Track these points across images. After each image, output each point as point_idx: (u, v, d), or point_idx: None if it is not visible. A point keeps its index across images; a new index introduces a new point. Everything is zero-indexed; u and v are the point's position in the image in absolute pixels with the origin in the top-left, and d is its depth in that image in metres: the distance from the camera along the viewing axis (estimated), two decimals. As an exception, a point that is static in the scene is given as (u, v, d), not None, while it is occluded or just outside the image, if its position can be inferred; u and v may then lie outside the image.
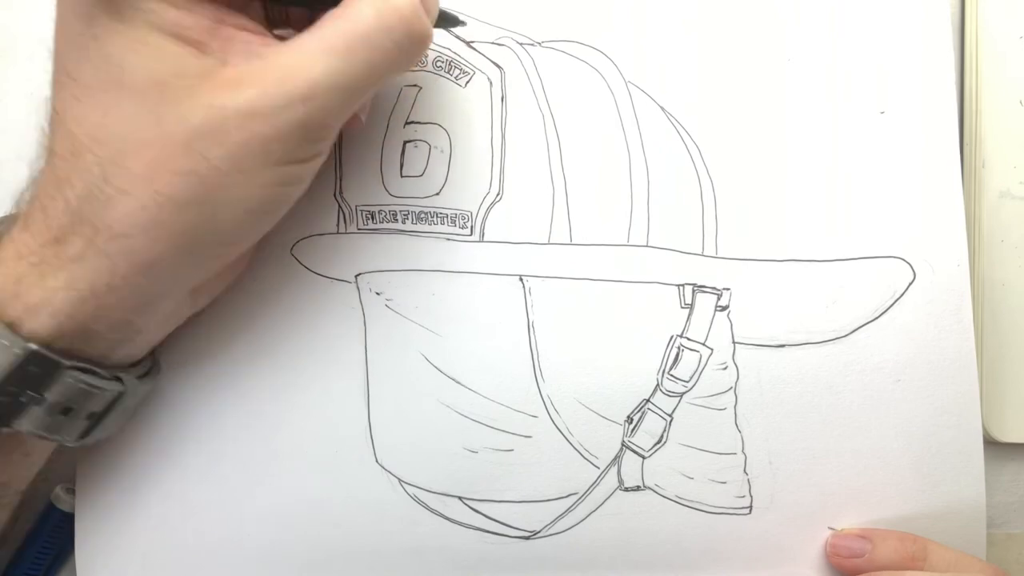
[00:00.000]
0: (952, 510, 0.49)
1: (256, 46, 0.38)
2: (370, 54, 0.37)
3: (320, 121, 0.38)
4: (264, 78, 0.37)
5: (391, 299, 0.48)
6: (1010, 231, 0.53)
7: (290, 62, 0.37)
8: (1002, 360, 0.53)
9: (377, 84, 0.39)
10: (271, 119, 0.37)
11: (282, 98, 0.36)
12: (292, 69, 0.37)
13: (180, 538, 0.48)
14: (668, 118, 0.50)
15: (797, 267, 0.49)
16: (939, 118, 0.50)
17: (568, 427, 0.48)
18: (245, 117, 0.36)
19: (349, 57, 0.37)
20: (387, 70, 0.39)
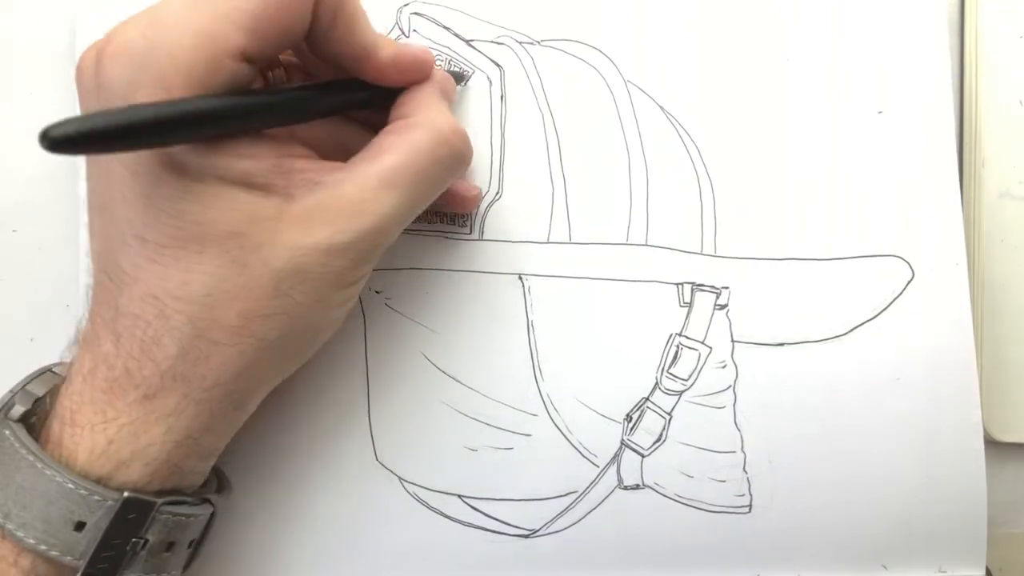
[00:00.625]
0: (953, 508, 0.49)
1: (312, 174, 0.39)
2: (426, 182, 0.41)
3: (384, 246, 0.40)
4: (335, 214, 0.38)
5: (391, 298, 0.48)
6: (1010, 231, 0.53)
7: (356, 196, 0.38)
8: (1002, 360, 0.53)
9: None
10: (347, 253, 0.38)
11: (356, 234, 0.38)
12: (361, 205, 0.38)
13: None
14: (667, 117, 0.50)
15: (796, 266, 0.49)
16: (937, 117, 0.51)
17: (567, 425, 0.48)
18: (324, 254, 0.38)
19: (410, 189, 0.40)
20: (439, 191, 0.43)
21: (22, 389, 0.41)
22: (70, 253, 0.50)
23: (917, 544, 0.49)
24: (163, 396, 0.37)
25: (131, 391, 0.37)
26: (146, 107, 0.33)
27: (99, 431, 0.37)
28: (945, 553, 0.49)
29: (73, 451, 0.37)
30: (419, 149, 0.39)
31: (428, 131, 0.40)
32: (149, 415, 0.37)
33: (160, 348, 0.37)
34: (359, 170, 0.39)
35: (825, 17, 0.51)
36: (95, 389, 0.37)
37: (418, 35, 0.50)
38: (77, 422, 0.37)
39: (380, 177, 0.39)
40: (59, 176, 0.51)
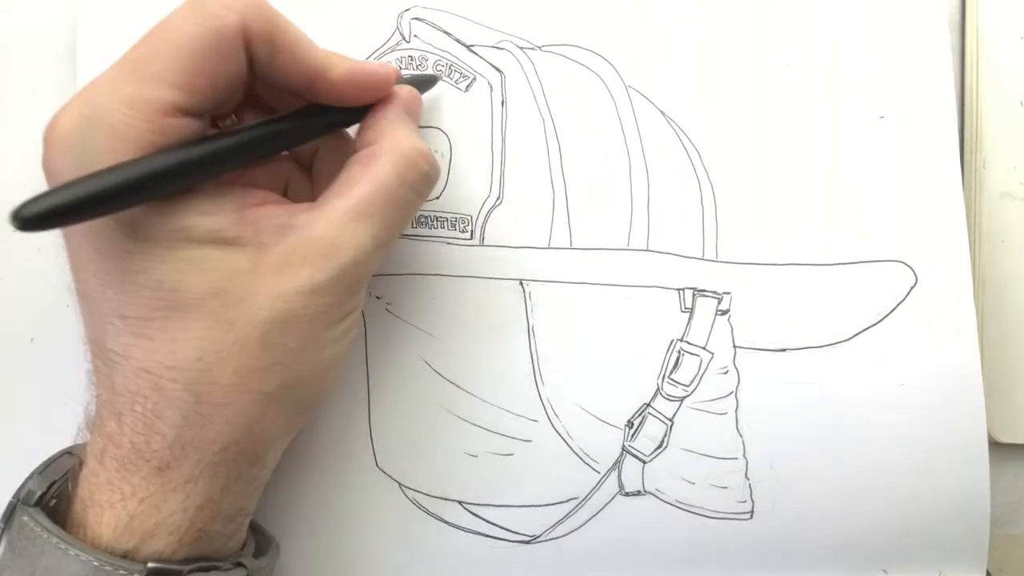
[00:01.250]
0: (956, 514, 0.49)
1: (282, 218, 0.39)
2: (398, 208, 0.40)
3: (367, 277, 0.41)
4: (310, 255, 0.38)
5: (391, 303, 0.48)
6: (1011, 232, 0.53)
7: (329, 233, 0.38)
8: (1003, 361, 0.53)
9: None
10: (330, 291, 0.38)
11: (335, 270, 0.38)
12: (335, 241, 0.38)
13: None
14: (668, 122, 0.50)
15: (798, 271, 0.49)
16: (939, 122, 0.50)
17: (568, 431, 0.48)
18: (307, 296, 0.38)
19: (383, 218, 0.39)
20: (412, 215, 0.43)
21: (37, 475, 0.41)
22: (70, 254, 0.50)
23: (918, 549, 0.49)
24: (176, 466, 0.37)
25: (143, 466, 0.37)
26: (110, 171, 0.33)
27: (119, 508, 0.37)
28: (946, 557, 0.49)
29: (97, 530, 0.37)
30: (386, 177, 0.39)
31: (393, 158, 0.40)
32: (166, 486, 0.37)
33: (163, 420, 0.36)
34: (328, 207, 0.39)
35: (826, 22, 0.51)
36: (108, 469, 0.37)
37: (419, 40, 0.50)
38: (97, 502, 0.37)
39: (350, 211, 0.38)
40: (59, 177, 0.51)
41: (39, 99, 0.51)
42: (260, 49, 0.38)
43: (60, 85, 0.51)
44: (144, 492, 0.37)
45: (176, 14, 0.36)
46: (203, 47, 0.36)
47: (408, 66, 0.49)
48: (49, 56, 0.51)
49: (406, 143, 0.40)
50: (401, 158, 0.40)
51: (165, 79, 0.35)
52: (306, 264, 0.37)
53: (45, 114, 0.49)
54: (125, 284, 0.36)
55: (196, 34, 0.36)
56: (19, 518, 0.38)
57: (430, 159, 0.41)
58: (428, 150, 0.41)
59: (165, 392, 0.36)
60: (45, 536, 0.36)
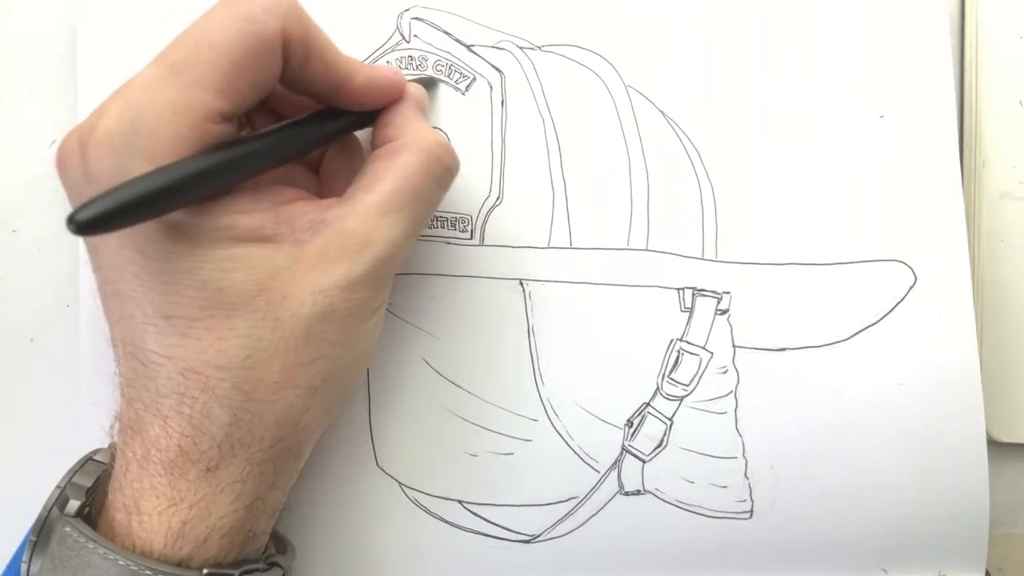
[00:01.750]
0: (955, 514, 0.49)
1: (313, 215, 0.39)
2: (424, 200, 0.41)
3: (397, 267, 0.41)
4: (346, 249, 0.38)
5: (391, 303, 0.48)
6: (1010, 231, 0.53)
7: (361, 227, 0.39)
8: (1002, 360, 0.53)
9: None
10: (365, 284, 0.39)
11: (370, 263, 0.38)
12: (368, 235, 0.39)
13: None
14: (668, 122, 0.50)
15: (797, 271, 0.49)
16: (938, 122, 0.50)
17: (568, 431, 0.48)
18: (346, 289, 0.38)
19: (411, 210, 0.40)
20: (436, 206, 0.43)
21: (69, 482, 0.40)
22: (70, 253, 0.50)
23: (918, 548, 0.49)
24: (225, 466, 0.37)
25: (191, 469, 0.37)
26: (160, 173, 0.33)
27: (169, 514, 0.37)
28: (945, 557, 0.49)
29: (147, 539, 0.36)
30: (412, 171, 0.40)
31: (417, 151, 0.40)
32: (215, 488, 0.37)
33: (211, 420, 0.36)
34: (358, 201, 0.39)
35: (826, 21, 0.51)
36: (153, 474, 0.37)
37: (419, 40, 0.50)
38: (143, 509, 0.37)
39: (380, 204, 0.39)
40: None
41: (39, 99, 0.51)
42: (295, 55, 0.38)
43: (60, 85, 0.51)
44: (194, 497, 0.37)
45: (215, 17, 0.36)
46: (245, 53, 0.36)
47: (408, 66, 0.49)
48: (49, 56, 0.51)
49: (428, 138, 0.41)
50: (425, 152, 0.40)
51: (209, 85, 0.35)
52: (342, 259, 0.38)
53: (45, 114, 0.49)
54: (169, 284, 0.36)
55: (238, 40, 0.36)
56: (60, 529, 0.38)
57: (452, 152, 0.42)
58: (449, 144, 0.42)
59: (215, 392, 0.36)
60: (91, 547, 0.36)
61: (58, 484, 0.40)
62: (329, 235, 0.38)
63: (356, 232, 0.38)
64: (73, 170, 0.36)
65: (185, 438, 0.37)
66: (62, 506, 0.39)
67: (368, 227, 0.38)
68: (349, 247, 0.38)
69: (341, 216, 0.39)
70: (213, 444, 0.37)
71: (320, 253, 0.38)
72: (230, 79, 0.36)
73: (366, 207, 0.39)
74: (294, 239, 0.38)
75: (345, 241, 0.38)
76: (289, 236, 0.38)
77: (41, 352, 0.50)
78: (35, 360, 0.50)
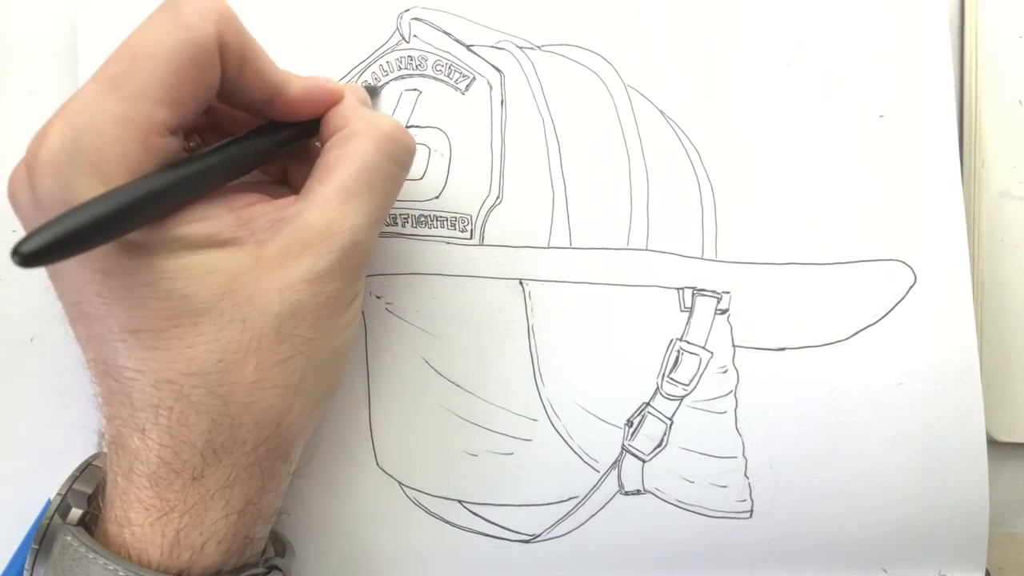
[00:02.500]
0: (955, 513, 0.49)
1: (272, 213, 0.39)
2: (384, 182, 0.40)
3: (367, 258, 0.40)
4: (308, 243, 0.38)
5: (391, 303, 0.48)
6: (1010, 231, 0.53)
7: (322, 219, 0.38)
8: (1002, 360, 0.53)
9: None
10: (333, 275, 0.38)
11: (335, 254, 0.38)
12: (330, 226, 0.38)
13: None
14: (667, 121, 0.50)
15: (797, 270, 0.49)
16: (938, 121, 0.50)
17: (568, 431, 0.48)
18: (313, 283, 0.38)
19: (371, 194, 0.39)
20: (398, 188, 0.42)
21: (70, 489, 0.40)
22: (70, 254, 0.50)
23: (918, 548, 0.49)
24: (211, 473, 0.37)
25: (176, 479, 0.36)
26: (107, 197, 0.33)
27: (161, 524, 0.36)
28: (945, 557, 0.49)
29: (143, 549, 0.36)
30: (367, 153, 0.39)
31: (369, 133, 0.40)
32: (204, 495, 0.37)
33: (190, 428, 0.36)
34: (316, 194, 0.39)
35: (825, 21, 0.51)
36: (139, 487, 0.37)
37: (419, 40, 0.50)
38: (134, 521, 0.37)
39: (338, 193, 0.38)
40: (58, 176, 0.51)
41: (39, 99, 0.51)
42: (231, 63, 0.38)
43: (60, 85, 0.51)
44: (183, 505, 0.36)
45: (150, 26, 0.36)
46: (183, 62, 0.36)
47: (408, 66, 0.49)
48: (49, 56, 0.51)
49: (379, 120, 0.41)
50: (377, 132, 0.40)
51: (150, 96, 0.35)
52: (307, 252, 0.38)
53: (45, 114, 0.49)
54: (132, 299, 0.35)
55: (175, 47, 0.35)
56: (62, 537, 0.38)
57: (405, 131, 0.42)
58: (399, 122, 0.42)
59: (190, 399, 0.36)
60: (92, 557, 0.36)
61: (59, 491, 0.40)
62: (290, 231, 0.38)
63: (317, 224, 0.38)
64: (23, 197, 0.35)
65: (165, 448, 0.36)
66: (64, 513, 0.39)
67: (328, 217, 0.38)
68: (311, 240, 0.38)
69: (300, 211, 0.38)
70: (195, 452, 0.36)
71: (283, 250, 0.38)
72: (171, 89, 0.35)
73: (324, 198, 0.38)
74: (255, 240, 0.38)
75: (306, 235, 0.38)
76: (249, 238, 0.38)
77: (40, 352, 0.50)
78: (34, 360, 0.50)
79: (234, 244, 0.37)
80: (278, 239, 0.38)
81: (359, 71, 0.50)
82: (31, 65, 0.52)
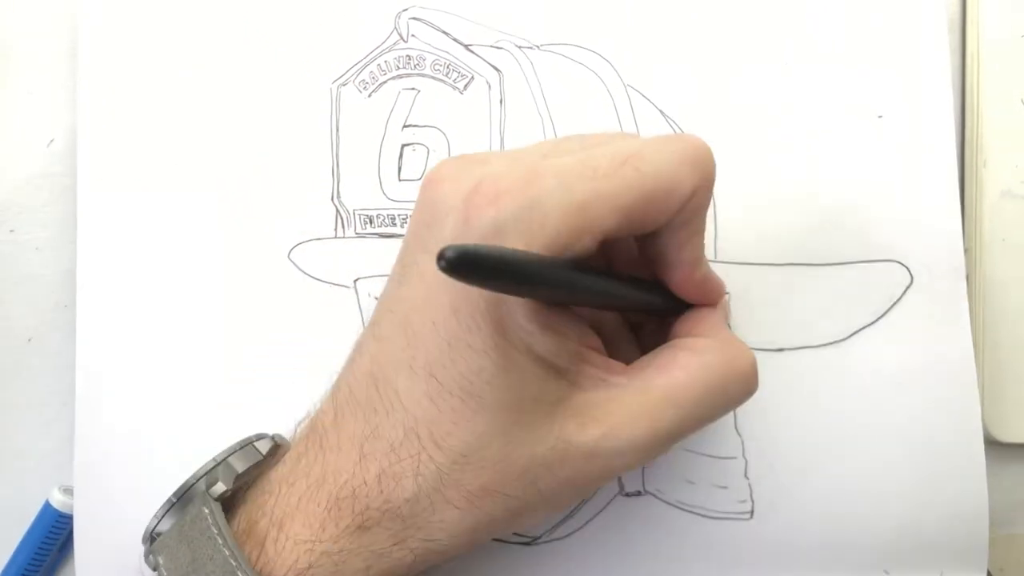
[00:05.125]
0: (954, 514, 0.48)
1: (602, 370, 0.38)
2: (708, 412, 0.38)
3: (639, 465, 0.39)
4: (611, 418, 0.36)
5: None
6: (1011, 231, 0.53)
7: (637, 405, 0.37)
8: (1003, 359, 0.52)
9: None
10: (607, 461, 0.37)
11: (625, 443, 0.36)
12: (640, 416, 0.36)
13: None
14: (667, 121, 0.50)
15: (795, 271, 0.49)
16: (937, 122, 0.50)
17: (568, 431, 0.48)
18: (585, 456, 0.36)
19: (691, 413, 0.37)
20: (713, 421, 0.39)
21: (224, 461, 0.40)
22: (69, 253, 0.50)
23: (919, 549, 0.49)
24: (377, 531, 0.36)
25: (348, 517, 0.36)
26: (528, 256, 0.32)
27: (304, 549, 0.36)
28: (946, 558, 0.49)
29: (273, 561, 0.36)
30: (712, 374, 0.38)
31: (724, 359, 0.38)
32: (356, 548, 0.36)
33: (397, 487, 0.36)
34: (646, 378, 0.37)
35: (824, 21, 0.51)
36: (315, 502, 0.36)
37: (417, 40, 0.50)
38: (284, 529, 0.36)
39: (666, 391, 0.37)
40: (58, 176, 0.51)
41: (39, 99, 0.51)
42: (680, 218, 0.37)
43: (60, 85, 0.51)
44: (335, 546, 0.36)
45: (654, 148, 0.36)
46: (658, 194, 0.35)
47: (406, 66, 0.50)
48: (49, 56, 0.51)
49: (736, 349, 0.39)
50: (731, 362, 0.38)
51: (614, 204, 0.34)
52: (602, 425, 0.36)
53: (45, 114, 0.49)
54: (453, 351, 0.35)
55: (662, 181, 0.35)
56: (199, 506, 0.38)
57: (756, 373, 0.39)
58: (755, 362, 0.39)
59: (419, 465, 0.36)
60: (220, 542, 0.36)
61: (215, 456, 0.40)
62: (603, 396, 0.37)
63: (630, 407, 0.36)
64: (447, 204, 0.35)
65: (364, 485, 0.36)
66: (210, 483, 0.39)
67: (644, 408, 0.36)
68: (614, 418, 0.36)
69: (623, 385, 0.37)
70: (382, 507, 0.36)
71: (586, 408, 0.36)
72: (632, 211, 0.35)
73: (651, 387, 0.37)
74: (574, 381, 0.37)
75: (615, 410, 0.36)
76: (573, 376, 0.37)
77: (38, 352, 0.50)
78: (32, 360, 0.50)
79: (558, 373, 0.36)
80: (590, 395, 0.37)
81: (357, 70, 0.50)
82: (31, 65, 0.52)
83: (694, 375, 0.37)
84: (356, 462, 0.36)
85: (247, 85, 0.50)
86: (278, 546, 0.36)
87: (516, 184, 0.34)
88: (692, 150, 0.36)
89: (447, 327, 0.35)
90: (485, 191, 0.34)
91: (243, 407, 0.48)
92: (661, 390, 0.37)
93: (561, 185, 0.34)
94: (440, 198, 0.36)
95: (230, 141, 0.50)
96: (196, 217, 0.49)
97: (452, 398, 0.35)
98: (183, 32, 0.50)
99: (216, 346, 0.48)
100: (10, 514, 0.49)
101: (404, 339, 0.36)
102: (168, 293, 0.49)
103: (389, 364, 0.37)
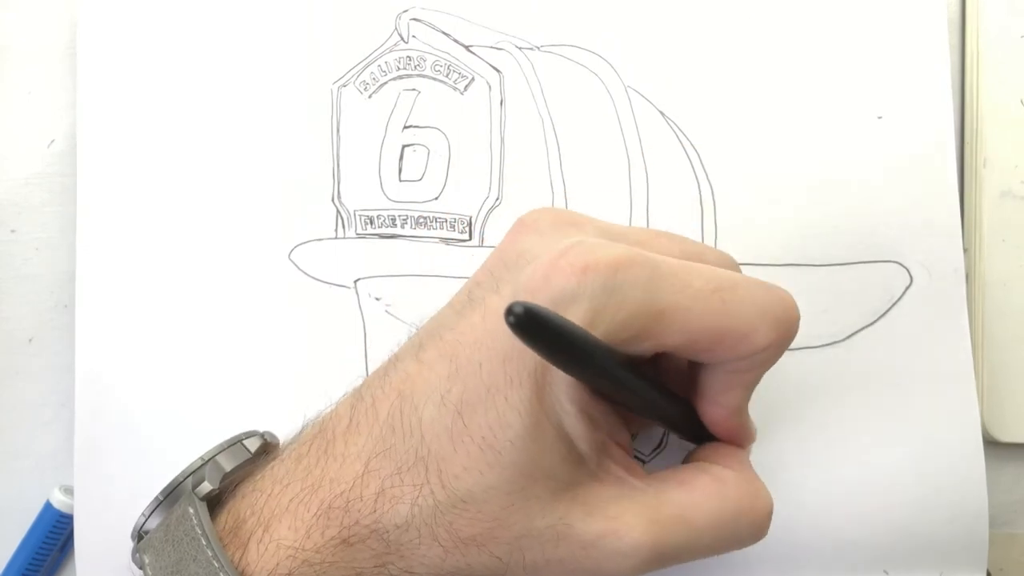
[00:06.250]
0: (954, 514, 0.48)
1: (623, 468, 0.37)
2: (714, 543, 0.38)
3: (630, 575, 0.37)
4: (619, 518, 0.36)
5: (390, 304, 0.48)
6: (1011, 231, 0.53)
7: (648, 513, 0.36)
8: (1003, 359, 0.52)
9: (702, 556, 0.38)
10: (600, 557, 0.36)
11: (626, 547, 0.35)
12: (648, 523, 0.36)
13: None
14: (667, 122, 0.50)
15: (795, 271, 0.49)
16: (936, 122, 0.50)
17: (568, 431, 0.48)
18: (581, 545, 0.36)
19: (698, 538, 0.37)
20: (714, 555, 0.39)
21: (212, 459, 0.40)
22: (68, 253, 0.50)
23: (918, 550, 0.49)
24: (361, 549, 0.35)
25: (335, 528, 0.35)
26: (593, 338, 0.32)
27: (286, 555, 0.35)
28: (946, 558, 0.49)
29: (254, 563, 0.35)
30: (728, 506, 0.37)
31: (744, 495, 0.38)
32: (337, 562, 0.35)
33: (392, 510, 0.35)
34: (664, 490, 0.37)
35: (824, 21, 0.51)
36: (305, 506, 0.36)
37: (417, 41, 0.50)
38: (270, 530, 0.36)
39: (681, 508, 0.37)
40: (58, 176, 0.51)
41: (39, 99, 0.52)
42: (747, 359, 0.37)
43: (60, 85, 0.51)
44: (317, 557, 0.35)
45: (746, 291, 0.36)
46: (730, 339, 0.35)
47: (406, 66, 0.50)
48: (49, 56, 0.52)
49: (757, 491, 0.39)
50: (749, 502, 0.38)
51: (690, 330, 0.34)
52: (608, 521, 0.35)
53: (44, 114, 0.49)
54: (487, 400, 0.34)
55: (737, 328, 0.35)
56: (184, 506, 0.37)
57: (768, 520, 0.39)
58: (771, 510, 0.39)
59: (420, 497, 0.35)
60: (203, 543, 0.36)
61: (202, 455, 0.40)
62: (616, 492, 0.36)
63: (639, 512, 0.36)
64: (539, 246, 0.36)
65: (360, 500, 0.36)
66: (197, 482, 0.39)
67: (654, 517, 0.36)
68: (622, 519, 0.35)
69: (640, 489, 0.37)
70: (372, 528, 0.35)
71: (597, 500, 0.36)
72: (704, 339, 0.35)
73: (665, 500, 0.37)
74: (591, 471, 0.36)
75: (625, 510, 0.36)
76: (593, 464, 0.36)
77: (38, 352, 0.50)
78: (32, 360, 0.50)
79: (579, 457, 0.36)
80: (604, 489, 0.37)
81: (357, 71, 0.50)
82: (31, 65, 0.52)
83: (712, 501, 0.37)
84: (358, 475, 0.36)
85: (247, 86, 0.50)
86: (261, 547, 0.36)
87: (606, 263, 0.33)
88: (781, 307, 0.37)
89: (491, 373, 0.35)
90: (573, 258, 0.33)
91: (243, 407, 0.48)
92: (676, 506, 0.37)
93: (649, 284, 0.33)
94: (528, 247, 0.36)
95: (230, 142, 0.50)
96: (196, 217, 0.49)
97: (472, 444, 0.35)
98: (183, 33, 0.50)
99: (216, 346, 0.48)
100: (10, 514, 0.50)
101: (445, 370, 0.36)
102: (168, 293, 0.49)
103: (422, 390, 0.36)
